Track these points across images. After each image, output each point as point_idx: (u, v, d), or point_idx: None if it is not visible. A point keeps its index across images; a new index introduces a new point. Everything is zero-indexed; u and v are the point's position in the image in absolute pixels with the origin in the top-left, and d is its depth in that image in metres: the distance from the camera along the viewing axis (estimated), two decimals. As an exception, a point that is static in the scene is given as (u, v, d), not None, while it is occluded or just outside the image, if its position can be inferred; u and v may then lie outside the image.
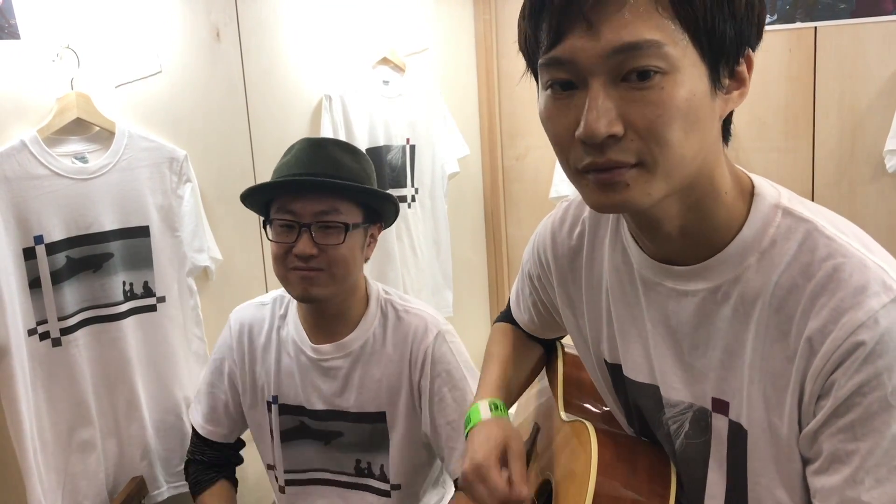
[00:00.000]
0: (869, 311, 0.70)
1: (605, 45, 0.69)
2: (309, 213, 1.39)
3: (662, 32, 0.69)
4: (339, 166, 1.42)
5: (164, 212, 1.86)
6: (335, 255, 1.40)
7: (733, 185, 0.80)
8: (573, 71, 0.72)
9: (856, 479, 0.71)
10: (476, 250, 3.04)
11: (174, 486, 1.92)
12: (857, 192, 2.33)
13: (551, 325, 1.16)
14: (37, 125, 1.66)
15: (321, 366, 1.51)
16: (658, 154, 0.71)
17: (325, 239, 1.40)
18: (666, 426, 0.91)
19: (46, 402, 1.70)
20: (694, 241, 0.81)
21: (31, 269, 1.65)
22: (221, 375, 1.61)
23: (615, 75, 0.70)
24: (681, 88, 0.70)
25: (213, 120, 2.02)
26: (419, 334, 1.49)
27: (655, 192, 0.73)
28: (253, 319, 1.59)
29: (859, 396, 0.71)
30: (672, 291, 0.85)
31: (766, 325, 0.78)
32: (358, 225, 1.43)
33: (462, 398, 1.47)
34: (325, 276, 1.41)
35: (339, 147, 1.47)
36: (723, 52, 0.72)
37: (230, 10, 2.04)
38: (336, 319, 1.50)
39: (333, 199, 1.40)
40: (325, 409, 1.52)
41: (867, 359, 0.70)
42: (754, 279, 0.78)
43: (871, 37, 2.24)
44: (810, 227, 0.77)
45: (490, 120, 2.96)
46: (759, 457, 0.80)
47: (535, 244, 1.09)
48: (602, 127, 0.70)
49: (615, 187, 0.73)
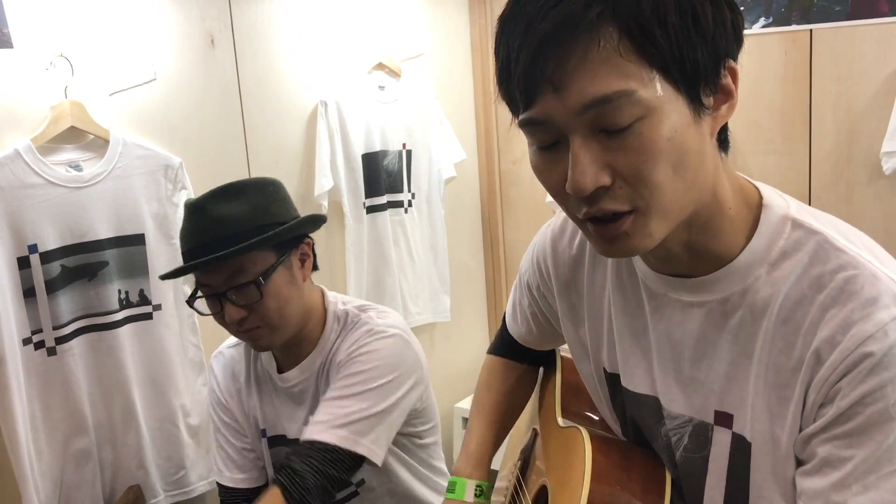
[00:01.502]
0: (879, 324, 0.70)
1: (575, 104, 0.68)
2: (220, 282, 1.35)
3: (630, 78, 0.67)
4: (224, 225, 1.34)
5: (160, 219, 1.85)
6: (262, 311, 1.36)
7: (736, 196, 0.80)
8: (550, 130, 0.71)
9: (844, 484, 0.71)
10: (473, 255, 3.03)
11: (171, 494, 1.92)
12: (854, 193, 2.32)
13: (550, 336, 1.15)
14: (31, 134, 1.66)
15: (291, 392, 1.50)
16: (649, 197, 0.71)
17: (245, 299, 1.36)
18: (665, 438, 0.90)
19: (42, 411, 1.69)
20: (700, 256, 0.81)
21: (26, 278, 1.65)
22: (224, 423, 1.58)
23: (592, 129, 0.69)
24: (661, 128, 0.69)
25: (208, 127, 2.02)
26: (361, 330, 1.45)
27: (656, 233, 0.73)
28: (231, 360, 1.57)
29: (861, 406, 0.70)
30: (678, 303, 0.84)
31: (774, 336, 0.77)
32: (272, 268, 1.37)
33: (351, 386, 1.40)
34: (264, 330, 1.39)
35: (221, 198, 1.38)
36: (699, 77, 0.70)
37: (224, 16, 2.04)
38: (300, 345, 1.48)
39: (235, 261, 1.34)
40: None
41: (873, 370, 0.69)
42: (763, 291, 0.78)
43: (867, 38, 2.23)
44: (821, 238, 0.76)
45: (486, 124, 2.96)
46: (762, 470, 0.80)
47: (534, 253, 1.08)
48: (588, 182, 0.69)
49: (616, 239, 0.73)
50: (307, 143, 2.29)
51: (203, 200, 1.38)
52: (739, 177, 0.82)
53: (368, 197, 2.42)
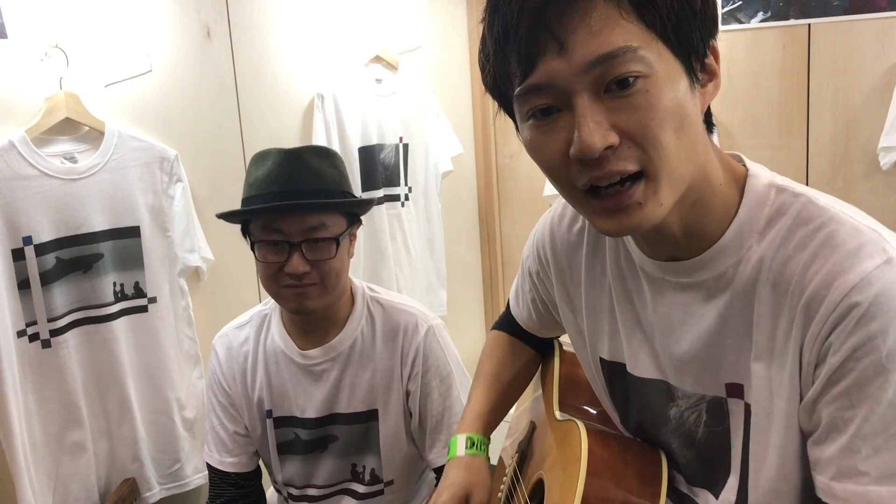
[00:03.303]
0: (861, 273, 0.70)
1: (581, 61, 0.68)
2: (297, 231, 1.36)
3: (633, 36, 0.68)
4: (321, 178, 1.40)
5: (155, 212, 1.85)
6: (328, 269, 1.39)
7: (726, 173, 0.80)
8: (553, 94, 0.71)
9: (852, 448, 0.70)
10: (470, 249, 3.03)
11: (166, 487, 1.91)
12: (851, 188, 2.33)
13: (550, 323, 1.15)
14: (25, 125, 1.65)
15: (311, 371, 1.50)
16: (657, 159, 0.70)
17: (316, 254, 1.38)
18: (677, 420, 0.90)
19: (36, 404, 1.69)
20: (693, 235, 0.81)
21: (20, 270, 1.64)
22: (220, 405, 1.58)
23: (597, 88, 0.69)
24: (665, 89, 0.70)
25: (203, 119, 2.01)
26: (409, 330, 1.49)
27: (666, 201, 0.73)
28: (236, 341, 1.57)
29: (853, 361, 0.70)
30: (677, 285, 0.85)
31: (767, 302, 0.77)
32: (345, 233, 1.42)
33: (447, 393, 1.48)
34: (318, 289, 1.40)
35: (316, 155, 1.43)
36: (692, 47, 0.72)
37: (221, 8, 2.03)
38: (323, 323, 1.49)
39: (321, 215, 1.38)
40: (317, 416, 1.51)
41: (860, 321, 0.69)
42: (754, 259, 0.78)
43: (865, 33, 2.24)
44: (804, 199, 0.77)
45: (484, 118, 2.95)
46: (759, 439, 0.80)
47: (534, 241, 1.08)
48: (598, 140, 0.69)
49: (627, 210, 0.72)
50: (303, 135, 2.28)
51: (300, 151, 1.43)
52: (722, 153, 0.83)
53: (365, 190, 2.41)
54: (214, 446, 1.58)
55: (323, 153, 1.45)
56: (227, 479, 1.58)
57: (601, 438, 0.98)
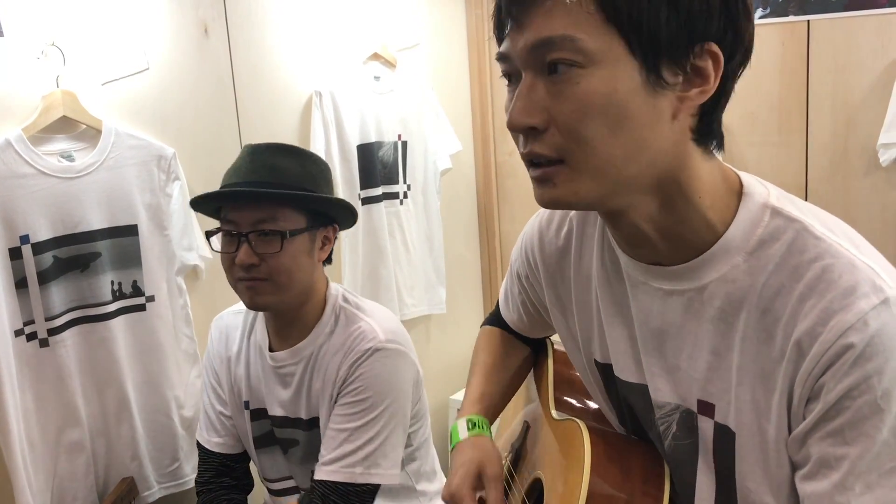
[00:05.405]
0: (858, 313, 0.69)
1: (527, 41, 0.71)
2: (247, 222, 1.38)
3: (579, 27, 0.69)
4: (277, 172, 1.40)
5: (153, 210, 1.84)
6: (275, 264, 1.38)
7: (713, 186, 0.78)
8: (511, 65, 0.75)
9: (845, 485, 0.70)
10: (469, 246, 3.02)
11: (165, 486, 1.91)
12: (851, 185, 2.32)
13: (540, 325, 1.15)
14: (22, 123, 1.64)
15: (278, 372, 1.51)
16: (578, 152, 0.71)
17: (264, 248, 1.38)
18: (657, 426, 0.90)
19: (34, 403, 1.68)
20: (676, 244, 0.80)
21: (18, 269, 1.64)
22: (211, 385, 1.61)
23: (539, 69, 0.72)
24: (598, 83, 0.69)
25: (201, 117, 2.00)
26: (353, 346, 1.44)
27: (584, 191, 0.74)
28: (230, 326, 1.59)
29: (849, 400, 0.69)
30: (658, 291, 0.84)
31: (754, 327, 0.77)
32: (299, 231, 1.40)
33: (361, 416, 1.41)
34: (268, 285, 1.40)
35: (280, 152, 1.44)
36: (659, 48, 0.69)
37: (218, 4, 2.02)
38: (293, 325, 1.49)
39: (272, 207, 1.38)
40: (282, 415, 1.52)
41: (856, 362, 0.69)
42: (741, 280, 0.77)
43: (865, 30, 2.23)
44: (799, 227, 0.76)
45: (482, 115, 2.94)
46: (746, 460, 0.79)
47: (523, 244, 1.08)
48: (519, 119, 0.72)
49: (544, 184, 0.75)
50: (302, 133, 2.28)
51: (265, 147, 1.45)
52: (724, 167, 0.81)
53: (364, 188, 2.40)
54: (204, 425, 1.62)
55: (293, 152, 1.45)
56: (214, 458, 1.61)
57: (602, 437, 0.98)
